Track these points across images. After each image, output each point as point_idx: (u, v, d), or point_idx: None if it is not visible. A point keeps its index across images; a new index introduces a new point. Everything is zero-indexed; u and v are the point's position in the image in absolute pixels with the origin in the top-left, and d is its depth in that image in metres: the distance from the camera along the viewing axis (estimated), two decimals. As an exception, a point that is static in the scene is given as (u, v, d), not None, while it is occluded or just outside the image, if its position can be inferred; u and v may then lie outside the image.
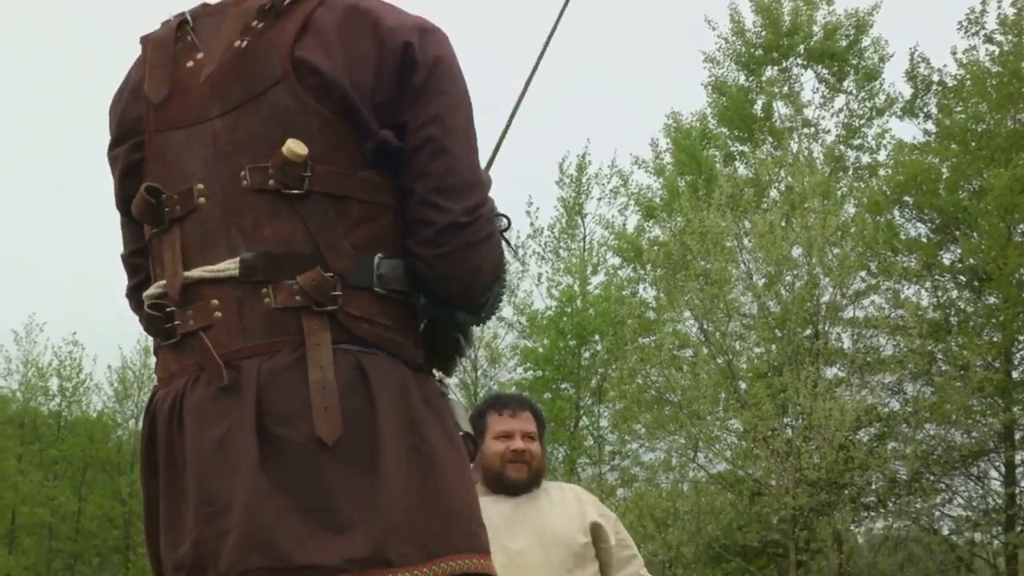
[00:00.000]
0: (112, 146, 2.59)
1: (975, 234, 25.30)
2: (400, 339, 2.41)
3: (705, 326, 23.82)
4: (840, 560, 21.70)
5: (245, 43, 2.41)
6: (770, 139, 29.31)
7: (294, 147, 2.29)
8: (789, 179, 25.53)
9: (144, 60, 2.57)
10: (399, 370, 2.37)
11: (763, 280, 23.71)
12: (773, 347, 23.67)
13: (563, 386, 31.85)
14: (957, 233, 26.03)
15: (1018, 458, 25.82)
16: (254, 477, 2.24)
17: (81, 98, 59.82)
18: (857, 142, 30.29)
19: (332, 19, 2.38)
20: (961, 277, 26.93)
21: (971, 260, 25.65)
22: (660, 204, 30.41)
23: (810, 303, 22.91)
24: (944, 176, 26.17)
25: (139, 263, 2.64)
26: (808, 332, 23.37)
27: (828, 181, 25.60)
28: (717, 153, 30.67)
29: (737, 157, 30.85)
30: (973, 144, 25.92)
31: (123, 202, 2.58)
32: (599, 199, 33.38)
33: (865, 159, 30.43)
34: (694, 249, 23.40)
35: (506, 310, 34.07)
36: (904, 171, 26.11)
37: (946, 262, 27.01)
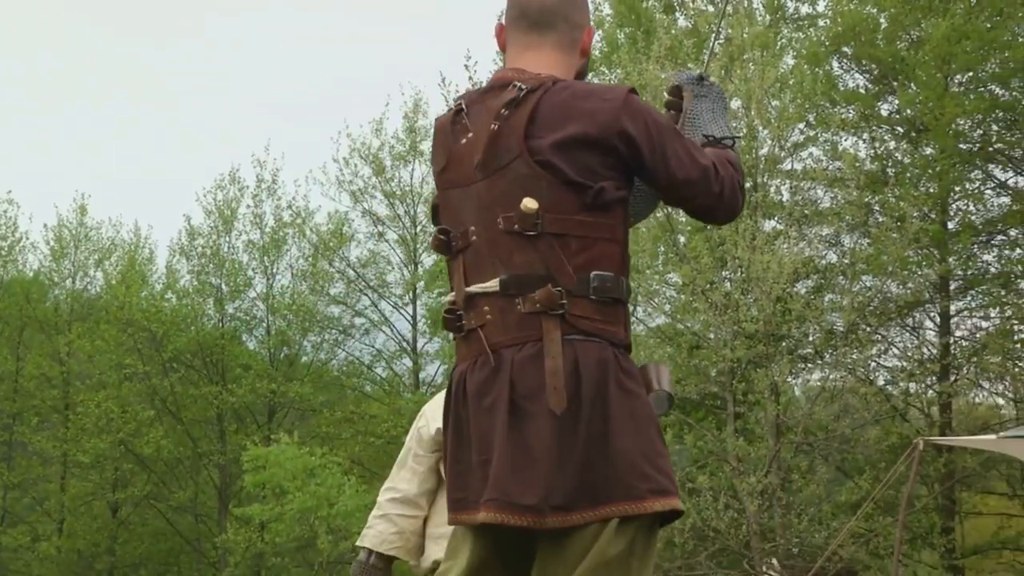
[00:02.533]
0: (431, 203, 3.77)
1: (913, 85, 25.27)
2: (611, 328, 3.40)
3: (644, 180, 23.73)
4: (777, 411, 21.87)
5: (496, 127, 3.44)
6: (710, -11, 29.03)
7: (529, 203, 3.34)
8: (728, 30, 25.31)
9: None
10: (604, 352, 3.34)
11: (702, 133, 23.56)
12: (711, 200, 23.67)
13: (502, 241, 31.81)
14: (895, 84, 26.00)
15: (953, 308, 26.11)
16: (503, 438, 3.30)
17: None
18: (797, -8, 30.05)
19: (553, 108, 3.41)
20: (899, 128, 26.98)
21: (908, 111, 25.67)
22: (600, 57, 30.14)
23: (749, 155, 22.80)
24: (882, 26, 26.05)
25: None
26: (747, 185, 23.31)
27: (767, 32, 25.37)
28: (656, 4, 30.36)
29: (677, 7, 30.56)
30: (911, -6, 25.79)
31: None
32: (538, 52, 33.02)
33: (805, 9, 30.21)
34: (632, 102, 23.21)
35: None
36: (843, 21, 25.96)
37: (884, 113, 27.04)
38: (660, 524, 3.47)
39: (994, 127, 26.31)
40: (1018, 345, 25.84)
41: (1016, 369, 25.81)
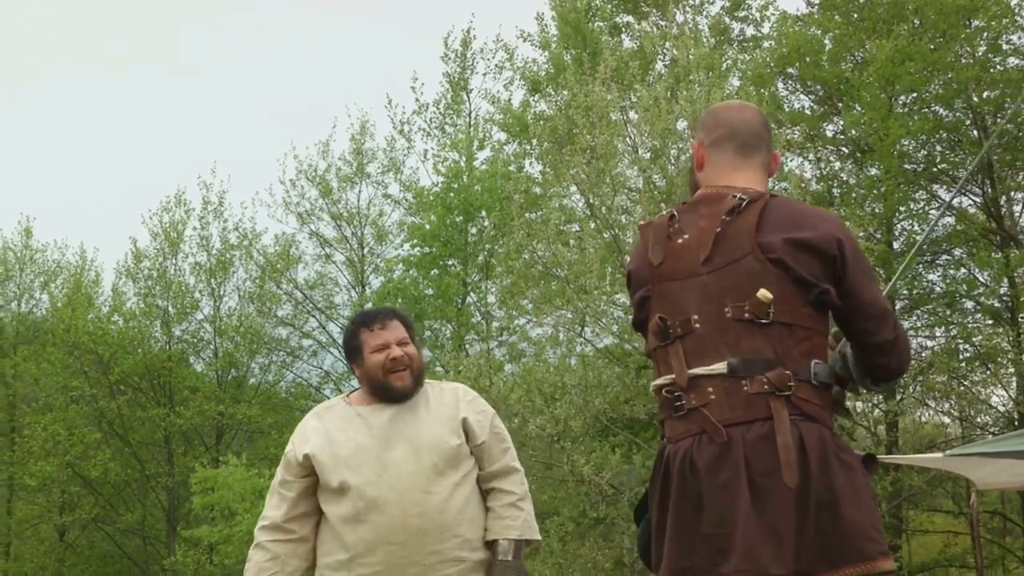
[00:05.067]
0: (633, 291, 4.06)
1: (857, 106, 25.45)
2: (824, 413, 3.74)
3: (591, 200, 23.73)
4: (725, 431, 21.92)
5: (719, 229, 3.80)
6: (655, 11, 29.16)
7: (765, 294, 3.67)
8: (674, 52, 25.43)
9: (643, 237, 4.04)
10: (822, 431, 3.68)
11: (648, 154, 23.65)
12: (658, 221, 23.67)
13: (450, 262, 31.85)
14: (840, 105, 26.17)
15: (899, 327, 26.19)
16: (747, 514, 3.54)
17: None
18: (742, 14, 30.28)
19: (778, 216, 3.79)
20: (844, 149, 27.14)
21: (853, 132, 25.83)
22: (545, 78, 30.25)
23: (695, 177, 22.88)
24: (827, 48, 26.24)
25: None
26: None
27: (713, 54, 25.49)
28: (602, 25, 30.49)
29: (623, 29, 30.71)
30: (855, 15, 26.01)
31: (637, 323, 4.09)
32: (484, 74, 33.36)
33: (750, 31, 30.46)
34: (579, 123, 23.24)
35: (392, 187, 33.96)
36: (788, 43, 26.13)
37: (829, 134, 27.19)
38: None
39: (938, 148, 26.54)
40: (963, 364, 26.00)
41: (961, 388, 25.98)
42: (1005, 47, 25.31)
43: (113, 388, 35.43)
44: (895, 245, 26.04)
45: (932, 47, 24.62)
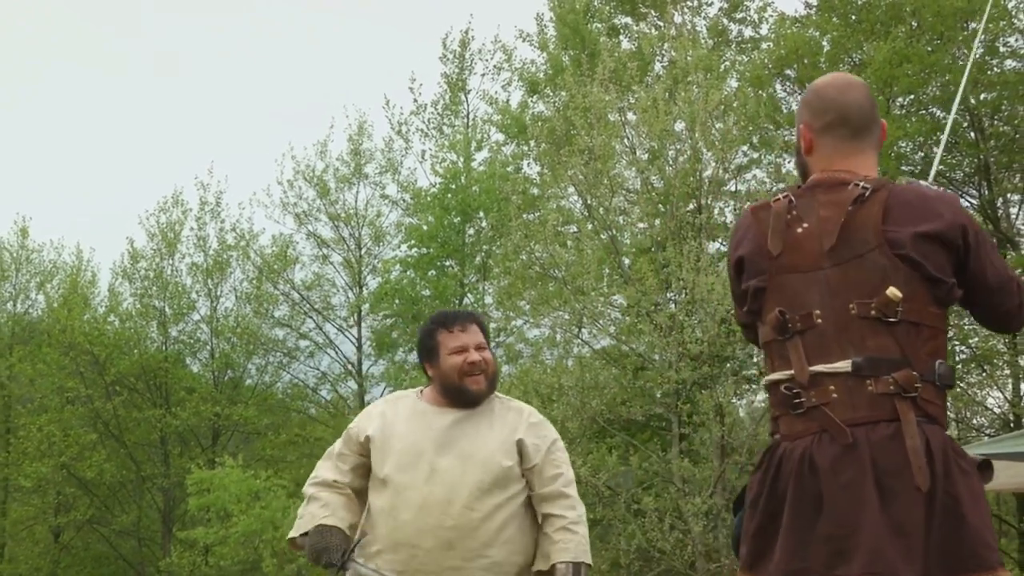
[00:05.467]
0: (744, 277, 3.91)
1: (855, 107, 25.44)
2: (942, 414, 3.64)
3: (589, 201, 23.74)
4: (722, 432, 21.87)
5: (843, 219, 3.67)
6: (653, 12, 29.16)
7: (895, 292, 3.56)
8: (672, 53, 25.42)
9: (756, 222, 3.89)
10: (943, 434, 3.60)
11: (646, 155, 23.65)
12: (656, 222, 23.69)
13: (448, 263, 31.85)
14: (838, 107, 26.14)
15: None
16: (875, 515, 3.45)
17: None
18: (740, 15, 30.28)
19: (904, 206, 3.65)
20: (841, 150, 27.13)
21: (851, 133, 25.81)
22: (544, 79, 30.25)
23: (693, 177, 22.89)
24: (825, 50, 26.24)
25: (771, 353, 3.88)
26: (691, 207, 23.38)
27: (711, 55, 25.51)
28: (601, 26, 30.49)
29: (621, 30, 30.69)
30: (853, 17, 26.01)
31: (746, 313, 3.94)
32: (483, 75, 33.25)
33: (748, 32, 30.45)
34: (578, 124, 23.25)
35: (390, 187, 33.95)
36: (786, 44, 26.14)
37: (827, 135, 27.16)
38: None
39: (935, 149, 26.53)
40: (959, 366, 26.02)
41: (957, 390, 25.99)
42: (1003, 49, 25.34)
43: (109, 389, 35.41)
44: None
45: (929, 49, 24.65)
